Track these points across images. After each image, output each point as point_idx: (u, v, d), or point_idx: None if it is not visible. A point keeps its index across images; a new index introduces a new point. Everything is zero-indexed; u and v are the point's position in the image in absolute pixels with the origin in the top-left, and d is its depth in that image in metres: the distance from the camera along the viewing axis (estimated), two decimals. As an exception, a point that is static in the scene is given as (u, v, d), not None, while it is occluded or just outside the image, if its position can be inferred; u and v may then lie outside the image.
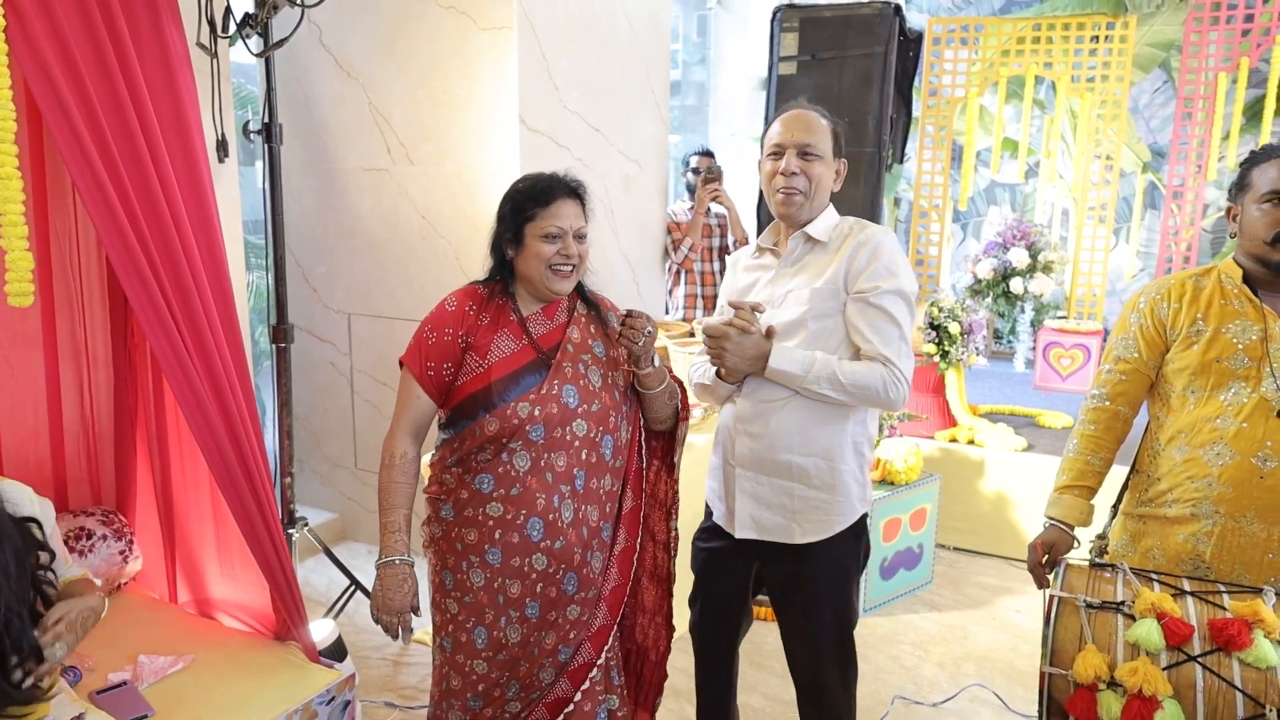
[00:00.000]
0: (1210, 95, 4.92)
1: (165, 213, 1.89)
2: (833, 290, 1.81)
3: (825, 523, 1.85)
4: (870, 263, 1.79)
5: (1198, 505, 1.78)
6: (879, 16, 4.00)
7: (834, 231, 1.89)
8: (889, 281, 1.78)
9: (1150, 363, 1.90)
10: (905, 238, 7.21)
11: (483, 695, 1.80)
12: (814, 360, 1.76)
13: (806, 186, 1.84)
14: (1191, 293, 1.83)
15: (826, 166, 1.87)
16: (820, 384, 1.76)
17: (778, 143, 1.87)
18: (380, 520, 1.77)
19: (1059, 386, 4.73)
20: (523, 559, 1.74)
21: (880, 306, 1.78)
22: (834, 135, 1.89)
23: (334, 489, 3.99)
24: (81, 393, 2.44)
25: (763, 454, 1.84)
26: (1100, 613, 1.67)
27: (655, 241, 4.23)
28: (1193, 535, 1.79)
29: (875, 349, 1.76)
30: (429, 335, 1.77)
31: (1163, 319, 1.86)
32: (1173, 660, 1.56)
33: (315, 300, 3.85)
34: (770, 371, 1.78)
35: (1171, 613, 1.60)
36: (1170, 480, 1.84)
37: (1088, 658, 1.60)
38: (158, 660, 2.14)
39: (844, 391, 1.76)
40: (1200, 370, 1.79)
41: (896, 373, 1.76)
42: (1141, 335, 1.90)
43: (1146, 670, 1.54)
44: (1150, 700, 1.53)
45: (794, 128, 1.86)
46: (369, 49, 3.49)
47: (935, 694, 2.84)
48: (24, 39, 1.65)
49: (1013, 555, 3.81)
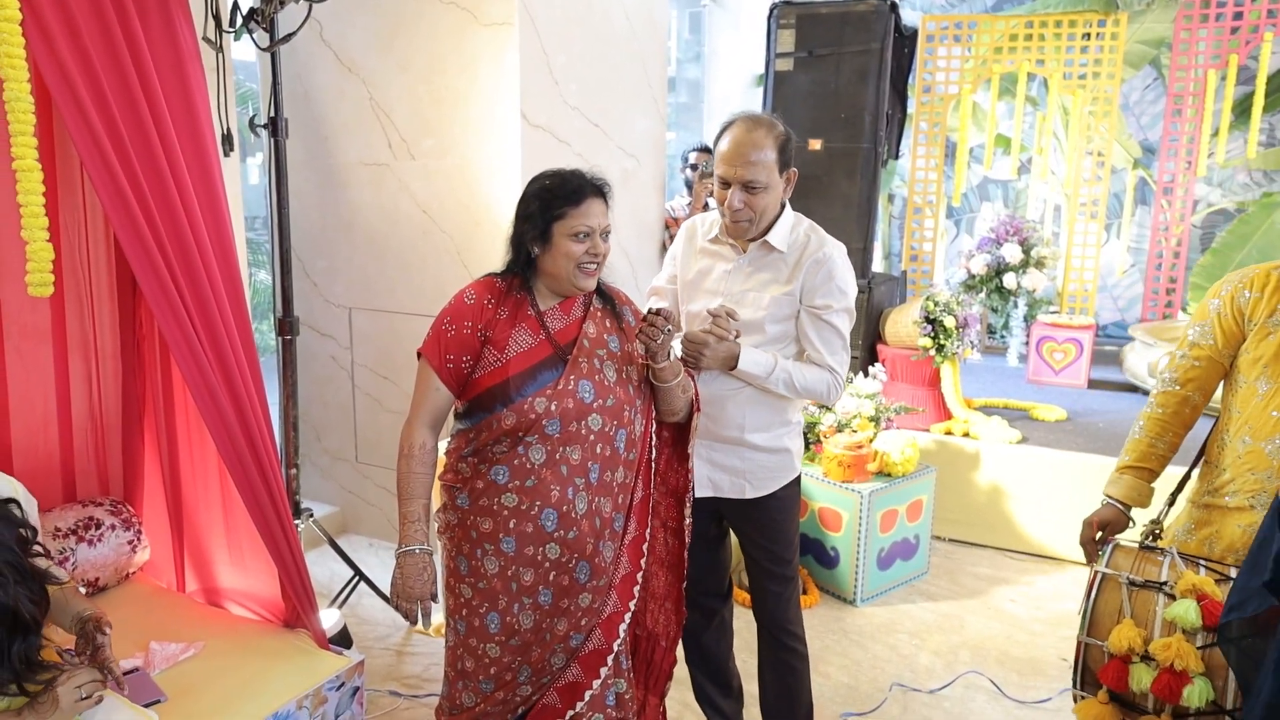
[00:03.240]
0: (1200, 92, 4.98)
1: (177, 203, 1.92)
2: (790, 301, 2.05)
3: (771, 479, 2.13)
4: (825, 282, 2.02)
5: (1255, 497, 1.79)
6: (875, 13, 4.04)
7: (791, 239, 2.06)
8: (839, 301, 2.04)
9: (1225, 351, 1.89)
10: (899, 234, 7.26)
11: (494, 678, 1.83)
12: (774, 364, 2.01)
13: (752, 215, 2.00)
14: (1275, 282, 1.81)
15: (772, 193, 1.99)
16: (778, 385, 2.02)
17: (723, 175, 1.99)
18: (399, 509, 1.79)
19: (1052, 380, 4.79)
20: (536, 548, 1.77)
21: (830, 322, 2.04)
22: (781, 148, 1.98)
23: (334, 482, 4.01)
24: (90, 384, 2.46)
25: (718, 430, 2.09)
26: (1142, 590, 1.71)
27: (653, 236, 4.26)
28: (1249, 526, 1.79)
29: (823, 358, 2.04)
30: (448, 327, 1.78)
31: (1242, 307, 1.84)
32: (1207, 640, 1.60)
33: (316, 294, 3.87)
34: (738, 371, 2.00)
35: (1213, 595, 1.63)
36: (1233, 471, 1.84)
37: (1124, 630, 1.65)
38: (169, 647, 2.16)
39: (794, 392, 2.04)
40: (1273, 360, 1.78)
41: (839, 379, 2.07)
42: (1219, 323, 1.88)
43: (1180, 646, 1.58)
44: (1181, 675, 1.57)
45: (736, 162, 1.95)
46: (369, 44, 3.51)
47: (932, 681, 2.88)
48: (40, 33, 1.68)
49: (1007, 546, 3.87)
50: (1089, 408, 4.36)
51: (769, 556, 2.17)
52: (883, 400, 3.63)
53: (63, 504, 2.45)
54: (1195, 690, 1.57)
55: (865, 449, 3.41)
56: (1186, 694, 1.58)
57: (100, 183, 1.78)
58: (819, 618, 3.28)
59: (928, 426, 4.05)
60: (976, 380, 4.81)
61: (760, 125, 1.96)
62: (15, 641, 1.55)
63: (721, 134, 2.00)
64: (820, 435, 3.55)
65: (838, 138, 4.17)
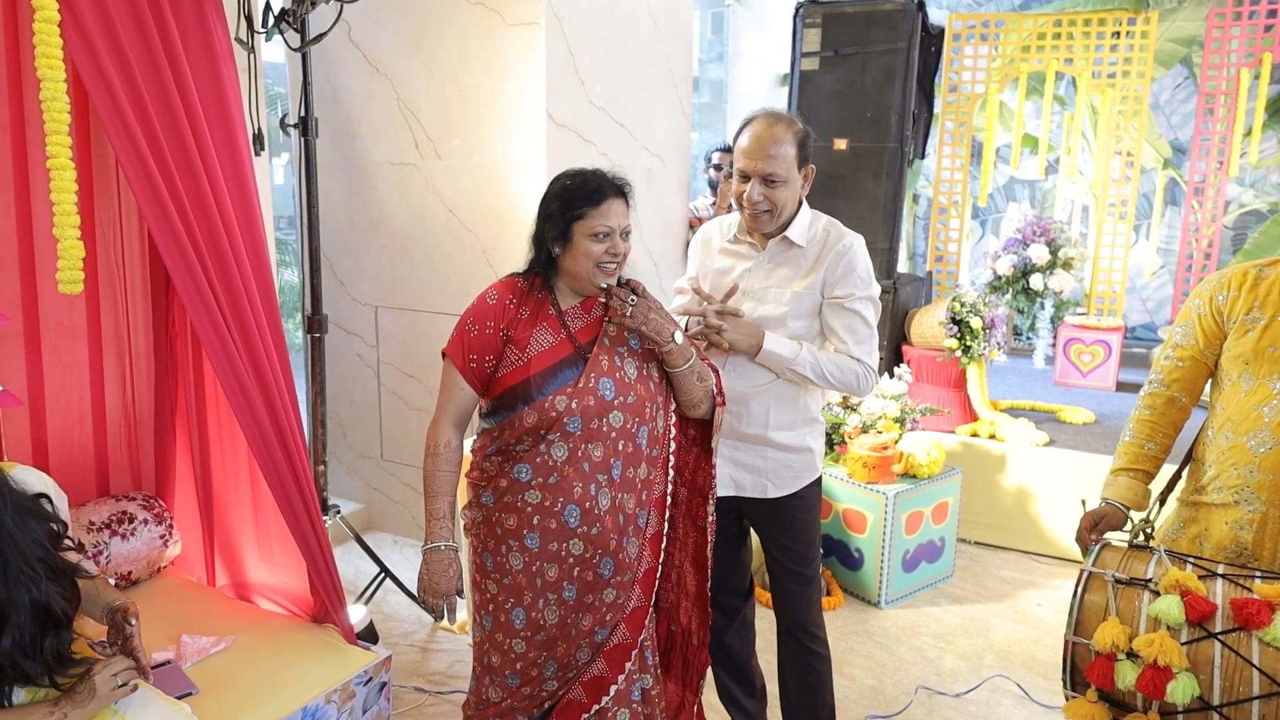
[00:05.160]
0: (1232, 91, 4.91)
1: (210, 201, 1.94)
2: (811, 295, 2.03)
3: (794, 479, 2.12)
4: (847, 272, 2.01)
5: (1239, 492, 1.80)
6: (902, 12, 4.02)
7: (810, 234, 2.06)
8: (863, 290, 2.02)
9: (1208, 351, 1.91)
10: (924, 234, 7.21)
11: (520, 673, 1.84)
12: (801, 347, 2.00)
13: (771, 208, 2.00)
14: (1252, 280, 1.84)
15: (790, 188, 2.00)
16: (805, 368, 1.99)
17: (742, 169, 2.00)
18: (425, 507, 1.81)
19: (1079, 382, 4.74)
20: (560, 544, 1.78)
21: (855, 311, 2.02)
22: (801, 144, 1.99)
23: (360, 479, 4.05)
24: (124, 381, 2.49)
25: (742, 428, 2.08)
26: (1127, 588, 1.71)
27: (677, 236, 4.26)
28: (1235, 522, 1.81)
29: (850, 349, 2.02)
30: (470, 328, 1.80)
31: (1221, 306, 1.87)
32: (1193, 636, 1.59)
33: (342, 293, 3.91)
34: (764, 353, 1.99)
35: (1196, 590, 1.63)
36: (1217, 467, 1.85)
37: (1108, 628, 1.64)
38: (200, 640, 2.19)
39: (823, 378, 2.01)
40: (1254, 357, 1.79)
41: (869, 369, 2.03)
42: (1200, 323, 1.90)
43: (1163, 642, 1.58)
44: (1164, 671, 1.57)
45: (757, 155, 1.96)
46: (397, 44, 3.54)
47: (957, 685, 2.86)
48: (78, 34, 1.70)
49: (1034, 550, 3.83)
50: (1117, 410, 4.31)
51: (791, 556, 2.17)
52: (908, 401, 3.61)
53: (97, 498, 2.49)
54: (1179, 686, 1.56)
55: (890, 450, 3.39)
56: (1170, 690, 1.56)
57: (136, 181, 1.81)
58: (843, 619, 3.26)
59: (953, 428, 4.02)
60: (1002, 382, 4.77)
61: (780, 121, 1.98)
62: (47, 636, 1.58)
63: (742, 129, 2.02)
64: (845, 436, 3.54)
65: (863, 137, 4.15)
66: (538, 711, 1.87)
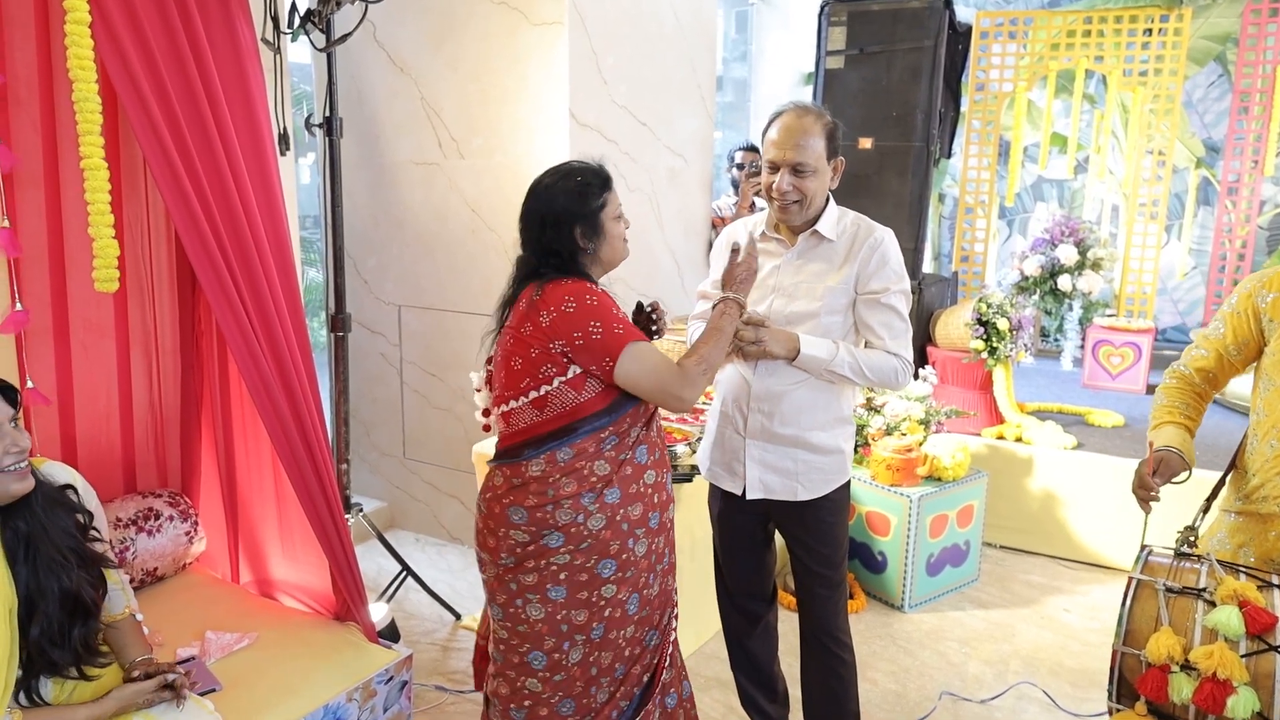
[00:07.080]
0: (1268, 89, 4.81)
1: (236, 201, 1.96)
2: (844, 290, 2.02)
3: (824, 482, 2.09)
4: (880, 266, 2.00)
5: None
6: (928, 10, 3.97)
7: (839, 228, 2.05)
8: (897, 284, 2.01)
9: (1231, 347, 1.88)
10: (949, 234, 7.14)
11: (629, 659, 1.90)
12: (837, 347, 1.98)
13: (801, 198, 1.99)
14: None
15: (820, 179, 1.99)
16: (843, 368, 1.97)
17: (772, 159, 1.99)
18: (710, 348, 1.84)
19: (1109, 385, 4.66)
20: (663, 514, 1.89)
21: (890, 305, 2.00)
22: (829, 136, 1.99)
23: (382, 478, 4.06)
24: (150, 379, 2.52)
25: (774, 428, 2.06)
26: (1180, 597, 1.66)
27: (700, 235, 4.25)
28: None
29: (886, 344, 2.00)
30: (617, 312, 1.75)
31: (1259, 307, 1.82)
32: (1252, 649, 1.54)
33: (366, 292, 3.92)
34: (802, 357, 1.96)
35: (1255, 601, 1.57)
36: (1262, 475, 1.80)
37: (1162, 639, 1.59)
38: (224, 637, 2.20)
39: (862, 376, 1.99)
40: None
41: (906, 363, 2.02)
42: (1230, 319, 1.88)
43: (1223, 654, 1.52)
44: (1224, 684, 1.51)
45: (786, 145, 1.96)
46: (421, 44, 3.55)
47: (982, 691, 2.82)
48: (107, 34, 1.72)
49: (1061, 554, 3.77)
50: (1147, 414, 4.19)
51: (818, 560, 2.15)
52: (933, 403, 3.57)
53: (123, 495, 2.51)
54: (1240, 701, 1.50)
55: (915, 453, 3.35)
56: (1231, 704, 1.51)
57: (162, 181, 1.82)
58: (866, 623, 3.23)
59: (979, 431, 3.97)
60: (1029, 384, 4.70)
61: (809, 113, 1.99)
62: (75, 625, 1.59)
63: (771, 122, 2.01)
64: (869, 438, 3.50)
65: (889, 136, 4.11)
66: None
